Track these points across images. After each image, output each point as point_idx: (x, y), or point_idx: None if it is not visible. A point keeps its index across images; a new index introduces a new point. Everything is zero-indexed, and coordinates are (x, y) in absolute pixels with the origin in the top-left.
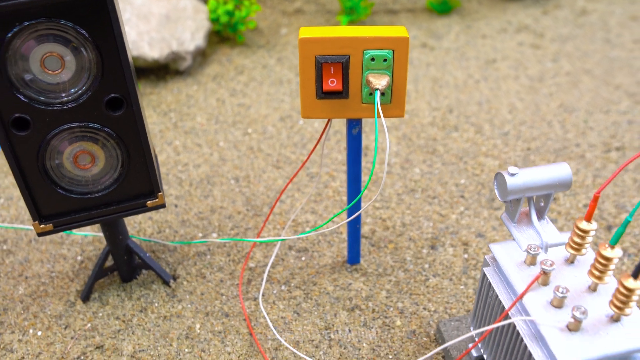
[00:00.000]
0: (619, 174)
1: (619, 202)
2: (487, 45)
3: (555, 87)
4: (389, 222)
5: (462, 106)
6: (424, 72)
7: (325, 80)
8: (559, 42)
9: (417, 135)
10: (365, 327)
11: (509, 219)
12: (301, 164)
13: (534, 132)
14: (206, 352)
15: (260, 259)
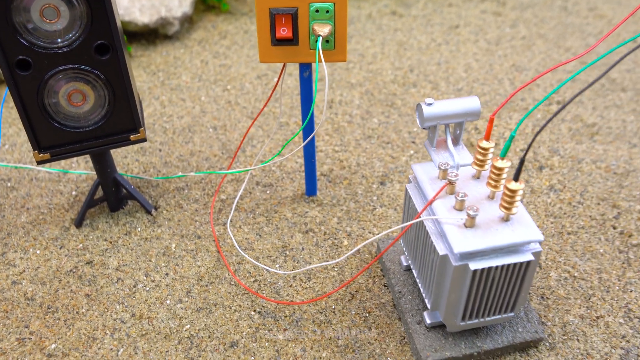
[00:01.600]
0: (557, 122)
1: (553, 147)
2: (453, 12)
3: (510, 50)
4: (346, 162)
5: (422, 66)
6: (391, 37)
7: (278, 29)
8: (519, 9)
9: (378, 91)
10: (317, 246)
11: (429, 144)
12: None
13: (485, 88)
14: (179, 265)
15: (230, 192)
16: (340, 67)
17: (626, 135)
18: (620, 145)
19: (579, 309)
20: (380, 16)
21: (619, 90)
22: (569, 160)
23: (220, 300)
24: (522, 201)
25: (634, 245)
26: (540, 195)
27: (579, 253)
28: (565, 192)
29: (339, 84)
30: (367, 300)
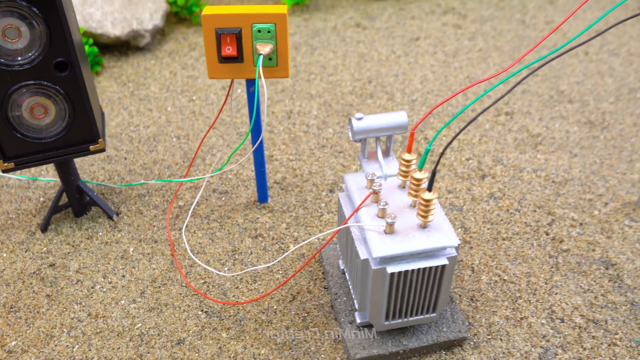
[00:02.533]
0: (503, 132)
1: (497, 157)
2: (415, 25)
3: (467, 62)
4: (299, 171)
5: (380, 77)
6: (354, 49)
7: (224, 47)
8: (479, 22)
9: (336, 102)
10: (264, 250)
11: (361, 155)
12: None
13: (438, 99)
14: (136, 268)
15: (188, 199)
16: (301, 78)
17: (568, 145)
18: (561, 155)
19: (505, 311)
20: (345, 28)
21: (566, 102)
22: (511, 169)
23: (171, 300)
24: (461, 207)
25: (563, 250)
26: (480, 203)
27: (511, 258)
28: (505, 200)
29: (299, 94)
30: (307, 302)
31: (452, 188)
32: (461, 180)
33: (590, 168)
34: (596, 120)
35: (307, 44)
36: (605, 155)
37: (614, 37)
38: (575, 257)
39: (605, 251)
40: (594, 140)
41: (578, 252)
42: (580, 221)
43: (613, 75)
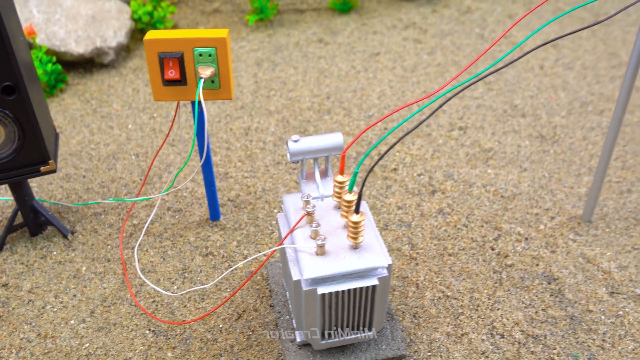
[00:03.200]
0: (456, 147)
1: (448, 172)
2: (376, 40)
3: (424, 77)
4: (252, 188)
5: (339, 93)
6: (314, 64)
7: (166, 71)
8: (439, 37)
9: (294, 118)
10: (214, 269)
11: (300, 176)
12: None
13: (394, 114)
14: (87, 287)
15: (143, 217)
16: (262, 94)
17: (519, 159)
18: (511, 169)
19: (446, 327)
20: (308, 44)
21: (519, 116)
22: (461, 185)
23: (120, 320)
24: (409, 223)
25: (508, 265)
26: (428, 219)
27: (456, 274)
28: (453, 215)
29: (258, 111)
30: (252, 320)
31: (402, 204)
32: (411, 196)
33: (539, 182)
34: (547, 134)
35: (269, 60)
36: (555, 169)
37: (569, 50)
38: (519, 272)
39: (548, 266)
40: (544, 154)
41: (522, 267)
42: (526, 236)
43: (566, 89)
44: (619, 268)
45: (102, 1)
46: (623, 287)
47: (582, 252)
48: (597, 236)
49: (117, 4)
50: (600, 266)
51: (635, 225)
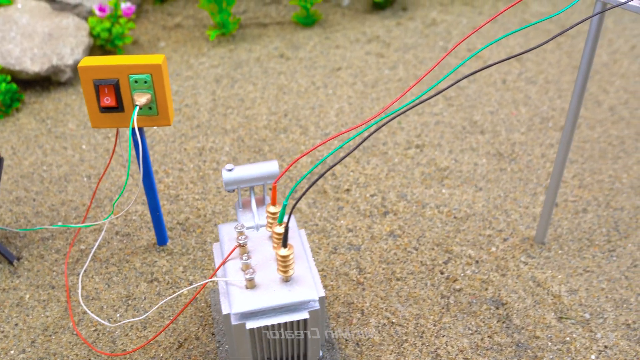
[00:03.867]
0: (412, 166)
1: (402, 192)
2: (338, 55)
3: (384, 92)
4: (202, 211)
5: (297, 110)
6: (274, 81)
7: (102, 98)
8: (402, 51)
9: (250, 137)
10: (158, 295)
11: (237, 205)
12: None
13: (350, 132)
14: (29, 316)
15: (91, 242)
16: (218, 112)
17: (475, 178)
18: (466, 189)
19: (389, 355)
20: (269, 59)
21: (478, 133)
22: (414, 206)
23: (60, 350)
24: (359, 247)
25: (456, 290)
26: (379, 242)
27: (403, 299)
28: (404, 238)
29: (214, 130)
30: (193, 349)
31: (352, 226)
32: (363, 217)
33: (494, 202)
34: (505, 151)
35: (228, 76)
36: (510, 188)
37: (532, 64)
38: (467, 297)
39: (497, 290)
40: (501, 172)
41: (470, 291)
42: (477, 259)
43: (528, 104)
44: (569, 292)
45: (59, 18)
46: (572, 311)
47: (532, 276)
48: (549, 258)
49: (75, 20)
50: (551, 290)
51: (589, 246)
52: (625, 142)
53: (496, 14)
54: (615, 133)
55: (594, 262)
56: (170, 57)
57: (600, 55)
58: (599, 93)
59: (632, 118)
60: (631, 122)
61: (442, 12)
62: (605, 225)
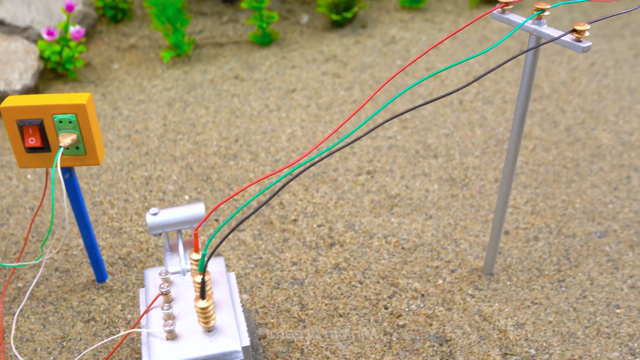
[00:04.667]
0: (362, 194)
1: (350, 222)
2: (294, 75)
3: (338, 115)
4: (145, 245)
5: (248, 135)
6: (227, 104)
7: (27, 139)
8: (359, 70)
9: (198, 165)
10: (94, 336)
11: (165, 249)
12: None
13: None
14: None
15: (29, 278)
16: (168, 139)
17: (425, 206)
18: (416, 217)
19: None
20: (223, 81)
21: (431, 157)
22: (362, 236)
23: None
24: (302, 281)
25: (400, 326)
26: (323, 275)
27: (344, 337)
28: (349, 271)
29: (162, 157)
30: None
31: (297, 259)
32: (308, 250)
33: (443, 231)
34: (458, 176)
35: (181, 100)
36: (461, 215)
37: (491, 83)
38: (411, 334)
39: (442, 325)
40: (452, 199)
41: (414, 327)
42: (423, 292)
43: (484, 125)
44: (516, 326)
45: (7, 42)
46: (517, 347)
47: (479, 309)
48: (497, 290)
49: (24, 44)
50: (497, 324)
51: (538, 276)
52: (580, 164)
53: (455, 31)
54: (570, 155)
55: (543, 294)
56: (124, 79)
57: (559, 73)
58: (556, 113)
59: (588, 139)
60: (587, 143)
61: (402, 29)
62: (556, 253)
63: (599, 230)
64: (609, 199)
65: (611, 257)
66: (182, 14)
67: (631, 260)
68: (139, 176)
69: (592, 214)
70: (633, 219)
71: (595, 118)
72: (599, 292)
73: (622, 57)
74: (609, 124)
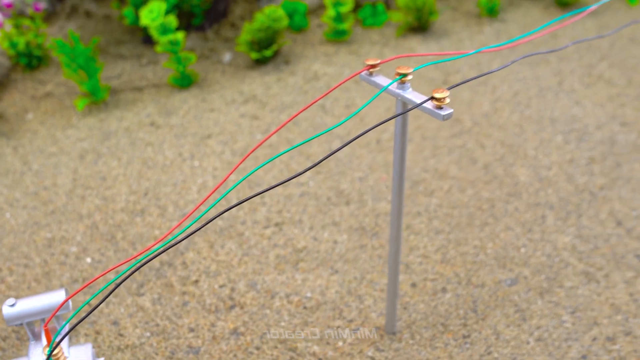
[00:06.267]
0: (267, 248)
1: (253, 280)
2: (212, 119)
3: (252, 161)
4: None
5: (159, 187)
6: (140, 154)
7: None
8: (278, 111)
9: (104, 223)
10: None
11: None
12: None
13: (209, 214)
14: None
15: None
16: (77, 195)
17: (332, 259)
18: (322, 272)
19: None
20: (139, 128)
21: (343, 204)
22: (263, 296)
23: None
24: (198, 349)
25: None
26: (220, 342)
27: None
28: (246, 336)
29: (69, 216)
30: None
31: (195, 325)
32: (207, 314)
33: (348, 286)
34: (368, 225)
35: (94, 151)
36: (368, 268)
37: (411, 118)
38: None
39: None
40: (360, 250)
41: None
42: (321, 356)
43: None
44: None
45: None
46: None
47: None
48: (399, 350)
49: None
50: None
51: (443, 332)
52: (495, 204)
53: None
54: (486, 195)
55: (446, 352)
56: (37, 130)
57: (482, 105)
58: (475, 148)
59: (505, 176)
60: (504, 181)
61: (326, 63)
62: (464, 306)
63: (509, 277)
64: (522, 242)
65: (519, 307)
66: (93, 61)
67: (539, 309)
68: (42, 238)
69: (503, 260)
70: (544, 263)
71: (515, 153)
72: (504, 347)
73: (547, 85)
74: (528, 158)
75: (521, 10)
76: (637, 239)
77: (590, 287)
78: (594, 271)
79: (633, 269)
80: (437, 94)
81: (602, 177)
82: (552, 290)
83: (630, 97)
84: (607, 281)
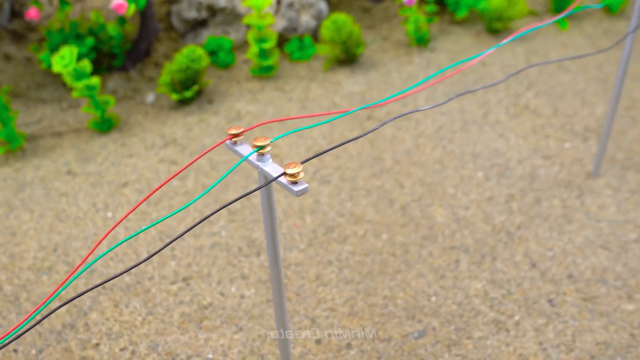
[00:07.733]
0: (173, 306)
1: (155, 341)
2: (130, 165)
3: (166, 211)
4: None
5: (69, 242)
6: (54, 205)
7: None
8: (197, 154)
9: (10, 282)
10: None
11: None
12: None
13: (118, 267)
14: None
15: None
16: None
17: (237, 315)
18: (225, 330)
19: None
20: (55, 177)
21: (254, 255)
22: (164, 359)
23: None
24: None
25: None
26: None
27: None
28: None
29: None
30: None
31: None
32: None
33: (252, 345)
34: None
35: (7, 204)
36: (274, 324)
37: (332, 158)
38: None
39: None
40: (267, 305)
41: None
42: None
43: (315, 211)
44: None
45: None
46: None
47: None
48: None
49: None
50: None
51: None
52: (409, 250)
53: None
54: (401, 239)
55: None
56: None
57: (405, 141)
58: (394, 189)
59: (422, 218)
60: (420, 223)
61: (250, 101)
62: None
63: (417, 329)
64: (433, 290)
65: None
66: (6, 110)
67: None
68: None
69: (413, 310)
70: (455, 313)
71: (434, 192)
72: None
73: (471, 118)
74: (446, 197)
75: (452, 38)
76: (550, 281)
77: (500, 337)
78: (505, 319)
79: (544, 315)
80: (290, 169)
81: (520, 215)
82: (461, 342)
83: (555, 127)
84: (517, 330)
